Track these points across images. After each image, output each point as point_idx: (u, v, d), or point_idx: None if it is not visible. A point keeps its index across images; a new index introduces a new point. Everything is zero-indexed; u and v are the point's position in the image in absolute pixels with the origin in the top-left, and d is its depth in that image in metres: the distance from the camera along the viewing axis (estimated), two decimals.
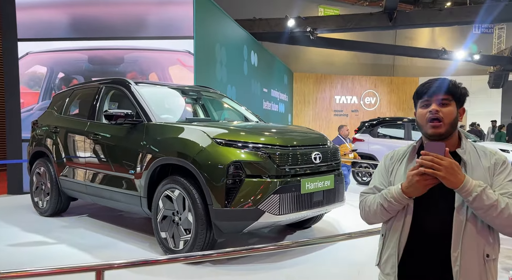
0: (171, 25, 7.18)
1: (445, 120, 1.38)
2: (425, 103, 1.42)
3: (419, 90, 1.45)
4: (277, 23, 13.51)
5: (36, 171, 5.12)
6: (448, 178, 1.26)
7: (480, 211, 1.29)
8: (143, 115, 3.88)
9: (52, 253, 3.65)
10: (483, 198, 1.26)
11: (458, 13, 12.91)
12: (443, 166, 1.25)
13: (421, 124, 1.43)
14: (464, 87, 1.45)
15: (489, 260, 1.35)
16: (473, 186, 1.27)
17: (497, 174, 1.38)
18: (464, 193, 1.27)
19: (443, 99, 1.39)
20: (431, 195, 1.38)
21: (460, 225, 1.34)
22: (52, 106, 5.34)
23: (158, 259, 2.28)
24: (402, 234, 1.42)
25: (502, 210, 1.27)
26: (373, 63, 22.65)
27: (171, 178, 3.49)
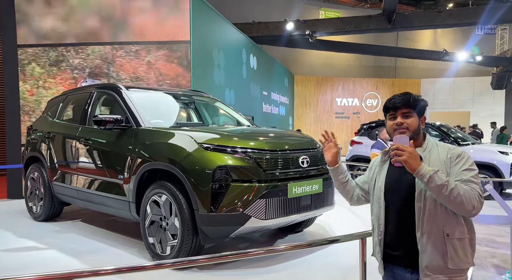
0: (167, 30, 7.21)
1: (410, 128, 1.74)
2: (392, 116, 1.78)
3: (386, 105, 1.80)
4: (276, 27, 13.54)
5: (30, 176, 5.15)
6: (409, 162, 1.56)
7: (434, 191, 1.57)
8: (132, 120, 3.89)
9: (41, 259, 3.66)
10: (435, 179, 1.55)
11: (458, 15, 12.86)
12: (406, 151, 1.57)
13: (390, 132, 1.79)
14: (423, 100, 1.79)
15: (450, 239, 1.63)
16: (428, 170, 1.57)
17: (453, 165, 1.68)
18: (420, 176, 1.57)
19: (406, 112, 1.75)
20: (399, 185, 1.74)
21: (419, 209, 1.66)
22: (46, 111, 5.38)
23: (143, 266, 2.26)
24: (380, 223, 1.77)
25: (452, 190, 1.54)
26: (375, 65, 22.60)
27: (158, 183, 3.49)
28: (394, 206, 1.74)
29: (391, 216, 1.74)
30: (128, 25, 7.17)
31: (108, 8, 7.19)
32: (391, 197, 1.75)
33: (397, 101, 1.75)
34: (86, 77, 7.13)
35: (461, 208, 1.57)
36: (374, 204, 1.84)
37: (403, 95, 1.76)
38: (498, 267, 4.20)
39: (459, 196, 1.54)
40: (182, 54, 7.15)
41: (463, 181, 1.60)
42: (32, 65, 7.27)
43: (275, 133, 4.10)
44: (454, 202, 1.55)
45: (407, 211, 1.68)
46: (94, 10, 7.20)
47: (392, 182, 1.77)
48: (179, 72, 7.17)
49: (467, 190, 1.57)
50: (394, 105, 1.75)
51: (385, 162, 1.85)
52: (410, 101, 1.73)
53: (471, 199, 1.56)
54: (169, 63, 7.18)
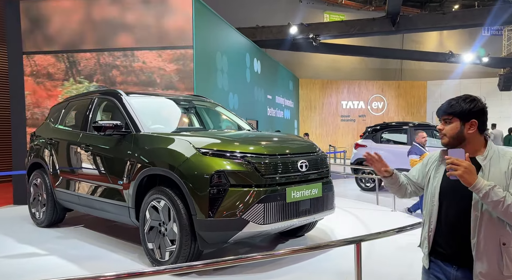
0: (170, 35, 7.26)
1: (447, 134, 1.76)
2: (439, 121, 1.84)
3: (436, 111, 1.86)
4: (280, 30, 13.55)
5: (33, 182, 5.19)
6: (464, 177, 1.56)
7: (490, 206, 1.58)
8: (132, 126, 3.90)
9: (42, 265, 3.68)
10: (491, 195, 1.55)
11: (463, 17, 12.76)
12: (461, 166, 1.56)
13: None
14: (473, 101, 1.74)
15: (506, 247, 1.65)
16: (484, 185, 1.56)
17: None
18: (476, 190, 1.57)
19: (445, 118, 1.78)
20: (455, 191, 1.72)
21: (476, 217, 1.66)
22: (49, 117, 5.43)
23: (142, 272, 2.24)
24: (431, 221, 1.79)
25: (509, 206, 1.55)
26: (380, 68, 22.50)
27: (157, 188, 3.50)
28: (448, 209, 1.75)
29: (444, 217, 1.75)
30: (130, 30, 7.23)
31: (110, 14, 7.26)
32: (446, 199, 1.76)
33: (440, 107, 1.80)
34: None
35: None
36: (427, 201, 1.85)
37: (449, 101, 1.78)
38: None
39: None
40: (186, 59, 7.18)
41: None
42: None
43: (274, 138, 4.09)
44: (510, 217, 1.58)
45: (461, 216, 1.69)
46: (94, 17, 7.27)
47: (449, 185, 1.75)
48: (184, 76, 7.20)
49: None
50: (438, 112, 1.81)
51: (442, 162, 1.83)
52: (450, 106, 1.75)
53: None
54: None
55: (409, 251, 3.76)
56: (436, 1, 22.33)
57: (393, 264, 3.63)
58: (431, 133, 9.06)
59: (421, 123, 9.92)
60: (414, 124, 9.34)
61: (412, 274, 3.33)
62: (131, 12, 7.25)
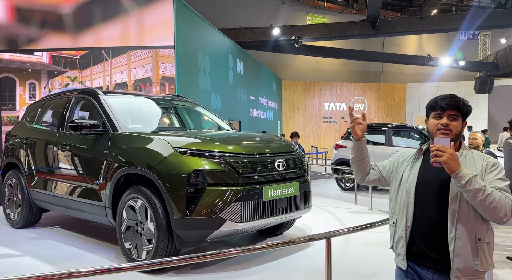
0: (152, 35, 7.23)
1: (453, 131, 1.72)
2: (437, 115, 1.75)
3: (433, 104, 1.77)
4: (263, 32, 13.63)
5: (8, 182, 5.08)
6: (449, 163, 1.57)
7: (470, 194, 1.58)
8: (109, 125, 3.88)
9: (16, 266, 3.61)
10: (473, 182, 1.57)
11: (439, 21, 13.12)
12: (446, 153, 1.58)
13: (431, 131, 1.76)
14: (469, 105, 1.77)
15: (481, 242, 1.66)
16: (466, 173, 1.59)
17: (488, 173, 1.70)
18: (459, 178, 1.58)
19: (453, 114, 1.73)
20: (430, 186, 1.74)
21: (454, 212, 1.66)
22: (25, 117, 5.33)
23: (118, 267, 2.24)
24: (407, 219, 1.77)
25: (488, 195, 1.57)
26: (362, 70, 22.85)
27: (134, 188, 3.48)
28: (425, 205, 1.74)
29: (420, 214, 1.74)
30: (111, 30, 7.16)
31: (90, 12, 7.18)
32: (422, 195, 1.75)
33: (446, 102, 1.73)
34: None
35: (493, 214, 1.59)
36: (400, 198, 1.82)
37: (452, 98, 1.75)
38: None
39: (494, 201, 1.57)
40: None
41: (497, 189, 1.62)
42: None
43: (253, 138, 4.13)
44: (488, 207, 1.57)
45: (438, 212, 1.69)
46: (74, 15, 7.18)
47: (426, 180, 1.76)
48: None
49: (502, 198, 1.59)
50: (443, 106, 1.73)
51: (418, 159, 1.83)
52: (459, 104, 1.73)
53: (505, 206, 1.58)
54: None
55: (381, 247, 3.88)
56: (415, 6, 22.85)
57: (366, 261, 3.71)
58: (409, 134, 9.29)
59: (399, 125, 10.14)
60: (393, 126, 9.54)
61: (383, 271, 3.43)
62: (113, 11, 7.18)
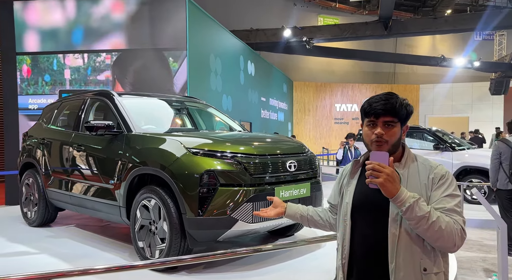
0: (164, 37, 7.32)
1: (389, 141, 1.45)
2: (370, 123, 1.47)
3: (366, 108, 1.48)
4: (274, 33, 13.66)
5: (25, 182, 5.20)
6: (386, 186, 1.31)
7: (412, 222, 1.33)
8: (124, 126, 3.95)
9: (33, 263, 3.70)
10: (415, 209, 1.31)
11: (453, 21, 12.96)
12: (383, 173, 1.31)
13: (366, 142, 1.50)
14: (409, 105, 1.48)
15: (427, 274, 1.39)
16: (407, 197, 1.32)
17: (435, 189, 1.42)
18: (398, 203, 1.33)
19: (388, 121, 1.45)
20: (368, 207, 1.48)
21: (394, 237, 1.41)
22: (41, 117, 5.45)
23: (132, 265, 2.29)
24: (344, 246, 1.52)
25: (433, 223, 1.31)
26: (374, 71, 22.70)
27: (148, 187, 3.54)
28: (363, 228, 1.48)
29: (358, 238, 1.49)
30: (125, 33, 7.28)
31: (105, 16, 7.31)
32: (359, 217, 1.49)
33: (379, 106, 1.44)
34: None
35: (440, 244, 1.35)
36: (339, 221, 1.59)
37: (387, 99, 1.44)
38: (487, 271, 4.22)
39: (440, 230, 1.32)
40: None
41: (446, 210, 1.37)
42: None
43: (264, 138, 4.15)
44: (433, 237, 1.34)
45: (377, 235, 1.44)
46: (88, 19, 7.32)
47: (362, 199, 1.50)
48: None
49: (450, 224, 1.34)
50: (375, 111, 1.44)
51: (355, 174, 1.57)
52: (395, 108, 1.43)
53: (453, 234, 1.33)
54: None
55: None
56: (429, 6, 22.60)
57: None
58: (422, 136, 9.19)
59: (413, 126, 10.05)
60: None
61: None
62: (126, 14, 7.30)
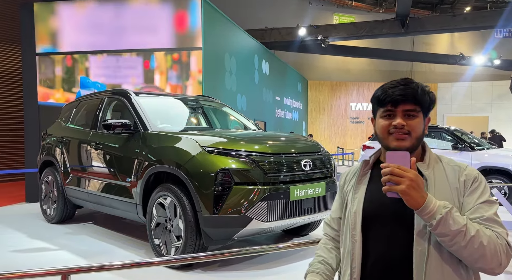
0: (180, 37, 7.38)
1: (412, 134, 1.17)
2: (388, 113, 1.20)
3: (380, 96, 1.20)
4: (289, 32, 13.61)
5: (44, 179, 5.32)
6: (410, 194, 1.04)
7: (446, 239, 1.06)
8: (140, 125, 4.00)
9: (52, 259, 3.78)
10: (449, 223, 1.04)
11: (473, 19, 12.67)
12: (406, 178, 1.03)
13: (381, 136, 1.21)
14: (432, 93, 1.22)
15: None
16: (437, 207, 1.04)
17: (468, 194, 1.15)
18: (426, 216, 1.05)
19: (410, 110, 1.17)
20: (384, 218, 1.18)
21: (422, 256, 1.11)
22: (60, 116, 5.57)
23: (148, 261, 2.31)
24: (353, 265, 1.22)
25: (472, 239, 1.04)
26: (390, 70, 22.37)
27: (163, 185, 3.58)
28: (377, 245, 1.18)
29: (373, 257, 1.19)
30: (139, 32, 7.36)
31: (118, 16, 7.41)
32: (373, 231, 1.20)
33: (398, 92, 1.17)
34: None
35: (481, 265, 1.07)
36: (345, 236, 1.28)
37: (406, 84, 1.18)
38: (508, 273, 4.11)
39: (481, 247, 1.04)
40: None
41: (484, 220, 1.09)
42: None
43: (279, 137, 4.14)
44: (472, 256, 1.05)
45: (397, 254, 1.15)
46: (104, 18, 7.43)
47: (376, 208, 1.21)
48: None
49: (492, 239, 1.06)
50: (393, 98, 1.17)
51: (363, 177, 1.28)
52: (417, 94, 1.17)
53: (497, 252, 1.05)
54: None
55: None
56: (447, 3, 22.14)
57: None
58: (440, 135, 9.01)
59: (430, 126, 9.87)
60: None
61: None
62: (140, 13, 7.38)
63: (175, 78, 7.35)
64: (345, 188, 1.35)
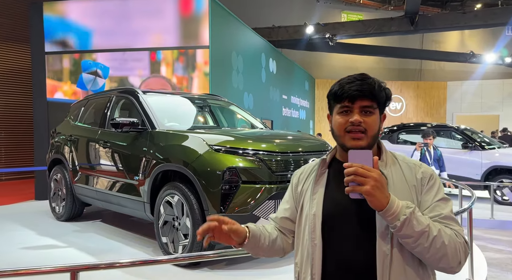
0: (187, 35, 7.39)
1: (368, 132, 1.15)
2: (344, 109, 1.17)
3: (337, 91, 1.18)
4: (296, 30, 13.55)
5: (53, 177, 5.37)
6: (375, 195, 1.00)
7: (409, 241, 1.04)
8: (148, 123, 4.01)
9: (61, 256, 3.81)
10: (413, 223, 1.01)
11: (484, 16, 12.49)
12: (371, 178, 1.00)
13: (338, 134, 1.18)
14: (388, 89, 1.21)
15: None
16: (400, 207, 1.02)
17: (425, 192, 1.14)
18: (390, 217, 1.02)
19: (367, 106, 1.15)
20: (345, 220, 1.14)
21: (385, 258, 1.08)
22: (69, 115, 5.61)
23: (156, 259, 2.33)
24: (313, 271, 1.16)
25: (435, 239, 1.03)
26: (399, 68, 22.19)
27: (171, 184, 3.58)
28: (339, 249, 1.14)
29: (333, 261, 1.15)
30: (147, 31, 7.38)
31: (126, 14, 7.43)
32: (333, 234, 1.15)
33: (355, 87, 1.14)
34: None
35: (444, 264, 1.06)
36: (302, 240, 1.24)
37: (363, 79, 1.16)
38: None
39: (443, 247, 1.04)
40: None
41: (442, 218, 1.10)
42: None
43: (286, 136, 4.12)
44: (434, 256, 1.05)
45: (360, 257, 1.12)
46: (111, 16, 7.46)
47: (337, 210, 1.16)
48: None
49: (452, 237, 1.06)
50: (350, 94, 1.14)
51: (321, 177, 1.23)
52: (374, 90, 1.15)
53: (457, 250, 1.06)
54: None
55: None
56: (457, 0, 21.88)
57: None
58: (450, 134, 8.92)
59: (439, 124, 9.77)
60: (433, 125, 9.20)
61: None
62: (147, 11, 7.40)
63: (181, 70, 7.37)
64: (300, 188, 1.30)
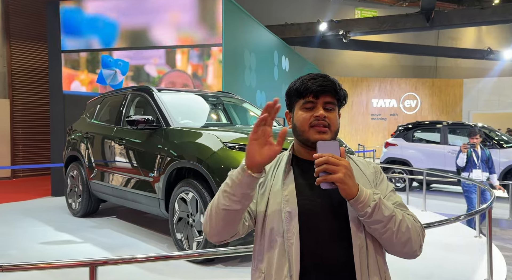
0: (200, 33, 7.42)
1: (332, 127, 1.18)
2: (308, 105, 1.19)
3: (300, 87, 1.20)
4: (309, 28, 13.47)
5: (70, 174, 5.46)
6: (347, 183, 1.02)
7: (379, 226, 1.05)
8: (163, 120, 4.04)
9: (77, 251, 3.88)
10: (382, 208, 1.04)
11: (503, 12, 12.20)
12: (341, 166, 1.02)
13: (301, 129, 1.18)
14: (344, 90, 1.26)
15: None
16: (369, 195, 1.05)
17: (379, 184, 1.21)
18: (361, 204, 1.04)
19: (330, 102, 1.19)
20: (320, 215, 1.13)
21: (362, 250, 1.09)
22: (85, 112, 5.69)
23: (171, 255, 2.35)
24: (291, 268, 1.11)
25: (401, 222, 1.07)
26: (414, 65, 21.88)
27: (185, 181, 3.60)
28: (315, 244, 1.12)
29: (309, 260, 1.12)
30: (161, 29, 7.43)
31: (139, 11, 7.49)
32: (309, 230, 1.13)
33: (318, 83, 1.18)
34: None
35: (408, 249, 1.10)
36: (269, 242, 1.19)
37: (324, 77, 1.21)
38: None
39: (407, 231, 1.08)
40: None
41: (398, 205, 1.16)
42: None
43: None
44: (400, 240, 1.07)
45: (337, 250, 1.11)
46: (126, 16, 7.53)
47: (313, 205, 1.15)
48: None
49: (411, 221, 1.11)
50: (314, 89, 1.17)
51: (288, 174, 1.21)
52: (336, 86, 1.20)
53: (418, 234, 1.11)
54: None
55: (437, 248, 3.77)
56: None
57: (421, 262, 3.56)
58: (466, 132, 8.77)
59: (456, 122, 9.61)
60: (449, 123, 9.05)
61: (437, 275, 3.27)
62: (161, 10, 7.45)
63: (196, 58, 7.41)
64: (265, 184, 1.23)
